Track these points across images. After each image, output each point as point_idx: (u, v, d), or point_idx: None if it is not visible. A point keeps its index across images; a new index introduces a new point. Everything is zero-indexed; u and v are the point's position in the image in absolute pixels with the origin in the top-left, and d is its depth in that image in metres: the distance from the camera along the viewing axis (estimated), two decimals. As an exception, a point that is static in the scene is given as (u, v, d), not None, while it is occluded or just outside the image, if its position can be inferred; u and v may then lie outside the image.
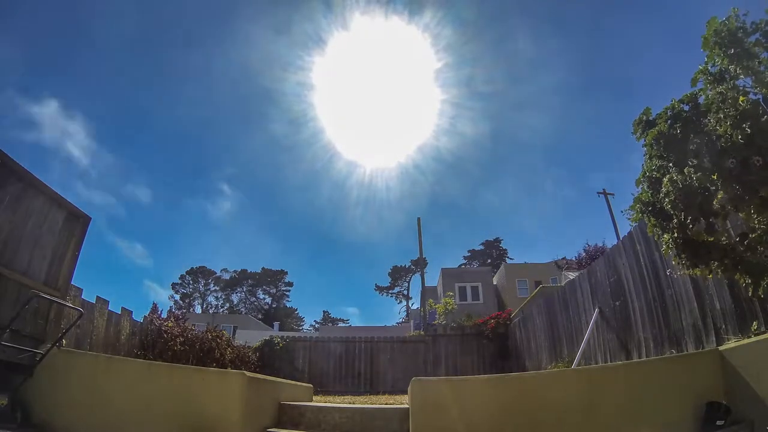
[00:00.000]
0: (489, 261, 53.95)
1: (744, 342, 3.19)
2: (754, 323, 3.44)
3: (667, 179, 2.92)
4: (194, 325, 8.98)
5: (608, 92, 55.02)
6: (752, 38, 2.59)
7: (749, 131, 2.38)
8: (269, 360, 13.18)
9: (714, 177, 2.61)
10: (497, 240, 58.37)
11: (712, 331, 4.11)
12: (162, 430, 3.55)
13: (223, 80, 53.07)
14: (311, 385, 6.78)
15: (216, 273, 63.00)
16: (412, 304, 51.12)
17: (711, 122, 2.63)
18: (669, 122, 2.93)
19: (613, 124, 50.46)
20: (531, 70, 48.64)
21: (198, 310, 55.66)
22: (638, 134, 3.28)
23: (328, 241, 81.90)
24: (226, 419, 3.52)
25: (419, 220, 19.65)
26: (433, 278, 34.39)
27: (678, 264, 3.30)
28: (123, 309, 6.85)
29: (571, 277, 11.68)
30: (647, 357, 5.35)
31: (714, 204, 2.79)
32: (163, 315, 8.39)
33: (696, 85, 2.90)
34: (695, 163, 2.71)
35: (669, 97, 3.00)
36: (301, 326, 61.25)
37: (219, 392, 3.68)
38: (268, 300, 64.58)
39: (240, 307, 62.66)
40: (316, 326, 58.21)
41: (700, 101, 2.87)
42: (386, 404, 5.11)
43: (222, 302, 63.15)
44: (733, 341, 3.51)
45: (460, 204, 75.60)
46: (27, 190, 4.00)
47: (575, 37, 49.28)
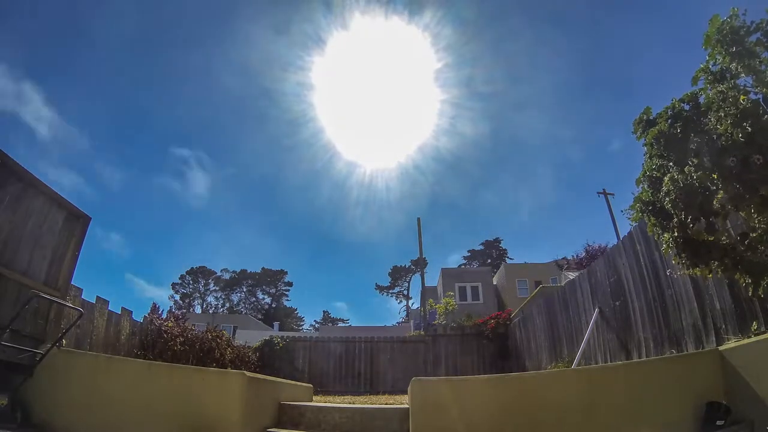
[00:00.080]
0: (489, 261, 53.97)
1: (744, 342, 3.19)
2: (754, 323, 3.44)
3: (668, 178, 2.92)
4: (194, 325, 8.98)
5: (608, 92, 55.12)
6: (753, 38, 2.59)
7: (750, 130, 2.38)
8: (269, 360, 13.18)
9: (714, 176, 2.61)
10: (497, 240, 58.44)
11: (712, 331, 4.11)
12: (162, 430, 3.54)
13: (223, 80, 53.12)
14: (311, 385, 6.78)
15: (216, 273, 63.11)
16: (412, 304, 51.18)
17: (711, 121, 2.63)
18: (669, 121, 2.93)
19: (613, 124, 50.49)
20: (531, 70, 48.70)
21: (198, 310, 55.71)
22: (638, 134, 3.28)
23: (328, 241, 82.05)
24: (226, 419, 3.52)
25: (419, 221, 19.67)
26: (433, 278, 34.44)
27: (678, 263, 3.30)
28: (123, 309, 6.85)
29: (571, 277, 11.68)
30: (647, 357, 5.35)
31: (714, 203, 2.79)
32: (163, 315, 8.40)
33: (697, 84, 2.90)
34: (696, 162, 2.71)
35: (669, 97, 3.01)
36: (301, 326, 61.33)
37: (219, 392, 3.68)
38: (268, 300, 64.64)
39: (240, 307, 62.73)
40: (316, 326, 58.27)
41: (701, 100, 2.87)
42: (386, 404, 5.11)
43: (222, 302, 63.27)
44: (733, 341, 3.51)
45: (460, 204, 75.70)
46: (27, 190, 4.00)
47: (575, 37, 49.31)
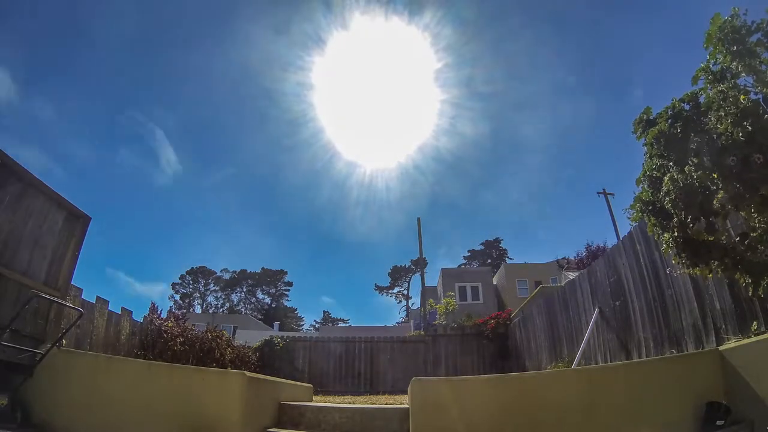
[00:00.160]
0: (489, 261, 53.95)
1: (744, 342, 3.19)
2: (754, 323, 3.44)
3: (668, 178, 2.92)
4: (194, 325, 8.98)
5: (608, 92, 55.09)
6: (754, 38, 2.59)
7: (750, 129, 2.38)
8: (269, 360, 13.18)
9: (714, 176, 2.61)
10: (497, 240, 58.42)
11: (712, 331, 4.11)
12: (162, 430, 3.54)
13: (223, 80, 53.12)
14: (311, 385, 6.78)
15: (216, 273, 63.07)
16: (412, 304, 51.17)
17: (712, 120, 2.63)
18: (669, 121, 2.93)
19: (613, 124, 50.49)
20: (531, 70, 48.71)
21: (198, 310, 55.67)
22: (638, 133, 3.28)
23: (328, 241, 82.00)
24: (226, 419, 3.52)
25: (419, 221, 19.67)
26: (433, 278, 34.45)
27: (678, 263, 3.30)
28: (123, 309, 6.85)
29: (571, 277, 11.68)
30: (647, 357, 5.35)
31: (714, 203, 2.79)
32: (163, 315, 8.40)
33: (697, 83, 2.90)
34: (696, 162, 2.71)
35: (669, 97, 3.01)
36: (301, 326, 61.31)
37: (219, 392, 3.68)
38: (268, 300, 64.62)
39: (240, 307, 62.71)
40: (316, 326, 58.26)
41: (701, 100, 2.86)
42: (386, 404, 5.11)
43: (222, 302, 63.24)
44: (733, 341, 3.51)
45: (460, 204, 75.69)
46: (27, 190, 4.00)
47: (575, 37, 49.33)
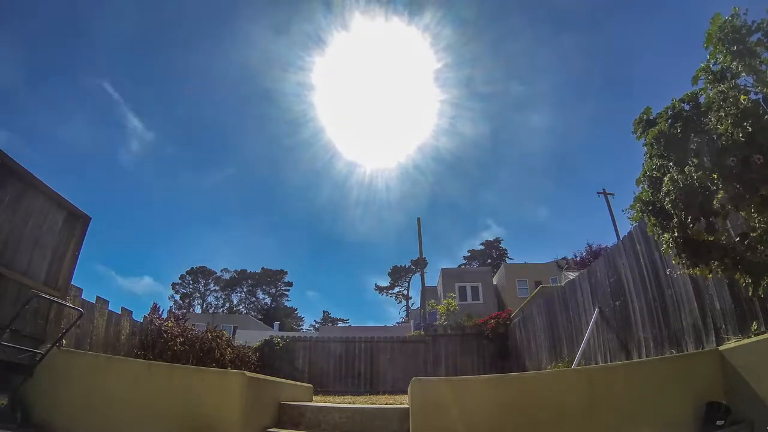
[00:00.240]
0: (489, 261, 53.93)
1: (744, 342, 3.19)
2: (754, 323, 3.44)
3: (668, 178, 2.92)
4: (194, 325, 8.97)
5: (608, 92, 55.08)
6: (754, 37, 2.59)
7: (750, 129, 2.38)
8: (269, 360, 13.18)
9: (715, 176, 2.60)
10: (497, 240, 58.51)
11: (712, 331, 4.11)
12: (162, 430, 3.54)
13: (223, 80, 53.13)
14: (311, 385, 6.78)
15: (216, 273, 63.07)
16: (412, 304, 51.17)
17: (712, 120, 2.63)
18: (669, 121, 2.93)
19: (613, 124, 50.48)
20: (531, 70, 48.74)
21: (198, 310, 55.66)
22: (638, 134, 3.28)
23: (328, 241, 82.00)
24: (226, 419, 3.52)
25: (419, 220, 19.69)
26: (433, 278, 34.45)
27: (678, 263, 3.30)
28: (123, 309, 6.85)
29: (571, 277, 11.68)
30: (647, 357, 5.35)
31: (714, 203, 2.78)
32: (163, 315, 8.40)
33: (697, 83, 2.90)
34: (696, 162, 2.71)
35: (669, 97, 3.01)
36: (301, 326, 61.30)
37: (219, 392, 3.68)
38: (268, 300, 64.63)
39: (240, 307, 62.73)
40: (316, 326, 58.23)
41: (701, 100, 2.86)
42: (386, 404, 5.11)
43: (222, 302, 63.23)
44: (733, 341, 3.51)
45: (460, 204, 75.69)
46: (27, 190, 4.00)
47: (575, 37, 49.29)
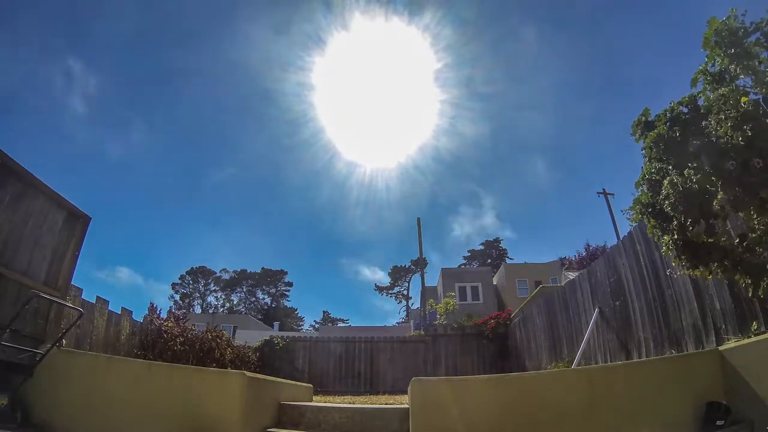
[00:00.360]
0: (489, 261, 53.93)
1: (744, 342, 3.19)
2: (754, 323, 3.44)
3: (667, 182, 2.92)
4: (194, 325, 8.98)
5: (608, 92, 55.10)
6: (752, 38, 2.59)
7: (750, 133, 2.39)
8: (269, 360, 13.18)
9: (714, 179, 2.61)
10: (497, 240, 58.50)
11: (712, 331, 4.11)
12: (162, 430, 3.55)
13: (223, 80, 53.15)
14: (311, 385, 6.78)
15: (216, 273, 63.02)
16: (412, 304, 51.15)
17: (711, 124, 2.63)
18: (668, 125, 2.93)
19: (613, 124, 50.51)
20: (531, 70, 48.75)
21: (198, 310, 55.63)
22: (637, 135, 3.28)
23: (328, 241, 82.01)
24: (226, 419, 3.52)
25: (419, 220, 19.71)
26: (433, 278, 34.45)
27: (678, 265, 3.30)
28: (123, 309, 6.86)
29: (571, 277, 11.69)
30: (647, 357, 5.35)
31: (714, 205, 2.79)
32: (162, 315, 8.40)
33: (696, 86, 2.90)
34: (695, 165, 2.71)
35: (669, 97, 3.02)
36: (301, 326, 61.27)
37: (219, 392, 3.68)
38: (268, 300, 64.60)
39: (240, 307, 62.68)
40: (316, 326, 58.21)
41: (700, 103, 2.87)
42: (386, 404, 5.11)
43: (222, 302, 63.20)
44: (733, 341, 3.51)
45: (460, 204, 75.69)
46: (27, 190, 4.00)
47: (575, 37, 49.31)
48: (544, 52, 47.26)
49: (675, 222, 3.00)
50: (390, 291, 60.72)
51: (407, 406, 3.77)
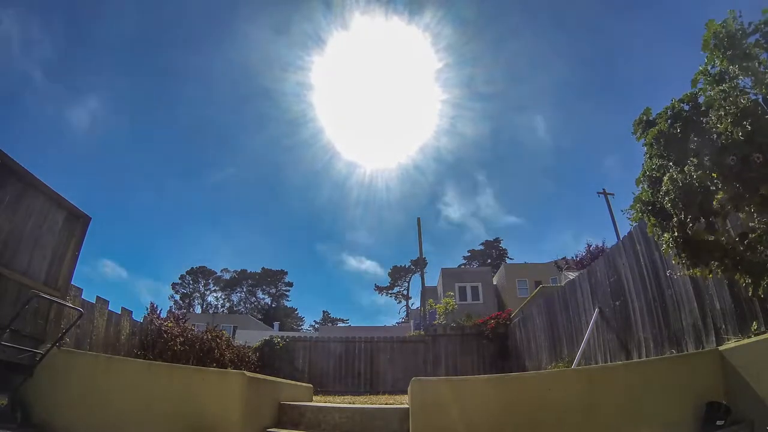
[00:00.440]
0: (489, 261, 53.93)
1: (744, 342, 3.19)
2: (754, 323, 3.44)
3: (667, 178, 2.92)
4: (194, 325, 8.97)
5: (608, 92, 55.14)
6: (751, 39, 2.59)
7: (750, 128, 2.39)
8: (269, 360, 13.18)
9: (714, 175, 2.61)
10: (497, 240, 58.49)
11: (712, 331, 4.11)
12: (162, 430, 3.54)
13: (223, 80, 53.16)
14: (311, 385, 6.78)
15: (216, 273, 63.03)
16: (412, 304, 51.15)
17: (712, 120, 2.63)
18: (669, 122, 2.93)
19: (613, 124, 50.53)
20: (531, 70, 48.80)
21: (198, 310, 55.64)
22: (638, 134, 3.28)
23: (328, 241, 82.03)
24: (226, 419, 3.52)
25: (419, 220, 19.71)
26: (433, 278, 34.44)
27: (678, 264, 3.30)
28: (123, 309, 6.85)
29: (571, 277, 11.68)
30: (647, 357, 5.35)
31: (714, 203, 2.79)
32: (163, 315, 8.39)
33: (696, 86, 2.91)
34: (695, 162, 2.71)
35: (669, 97, 3.02)
36: (301, 326, 61.27)
37: (219, 392, 3.68)
38: (268, 300, 64.60)
39: (240, 307, 62.67)
40: (316, 326, 58.21)
41: (700, 100, 2.87)
42: (386, 404, 5.11)
43: (222, 302, 63.21)
44: (733, 341, 3.51)
45: (461, 204, 75.70)
46: (27, 190, 4.01)
47: (575, 37, 49.33)
48: (544, 52, 47.36)
49: (675, 219, 3.01)
50: (390, 291, 60.76)
51: (407, 406, 3.77)
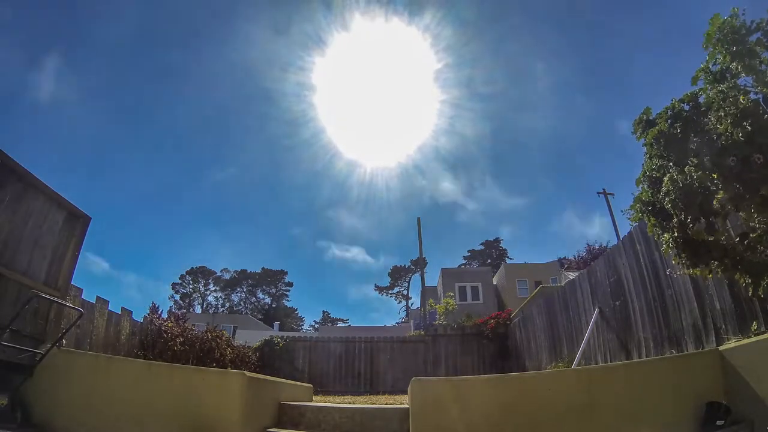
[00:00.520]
0: (489, 261, 53.92)
1: (744, 342, 3.19)
2: (754, 323, 3.44)
3: (668, 178, 2.92)
4: (194, 325, 8.98)
5: (608, 92, 55.14)
6: (753, 37, 2.59)
7: (750, 129, 2.39)
8: (269, 360, 13.18)
9: (714, 176, 2.61)
10: (497, 240, 58.47)
11: (712, 331, 4.11)
12: (162, 430, 3.54)
13: (224, 80, 53.16)
14: (311, 385, 6.78)
15: (216, 273, 63.01)
16: (412, 304, 51.15)
17: (712, 120, 2.63)
18: (669, 122, 2.93)
19: (613, 124, 50.54)
20: (531, 70, 48.75)
21: (198, 310, 55.63)
22: (638, 134, 3.28)
23: (329, 241, 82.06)
24: (226, 419, 3.52)
25: (419, 220, 19.72)
26: (433, 278, 34.43)
27: (678, 264, 3.30)
28: (123, 309, 6.86)
29: (571, 277, 11.68)
30: (647, 357, 5.35)
31: (714, 203, 2.79)
32: (163, 315, 8.40)
33: (697, 84, 2.90)
34: (696, 162, 2.71)
35: (669, 97, 3.01)
36: (301, 326, 61.25)
37: (219, 392, 3.68)
38: (268, 300, 64.59)
39: (240, 307, 62.67)
40: (316, 326, 58.21)
41: (701, 100, 2.87)
42: (386, 404, 5.11)
43: (222, 302, 63.19)
44: (733, 341, 3.51)
45: (460, 204, 75.67)
46: (27, 190, 4.01)
47: (575, 37, 49.33)
48: (545, 52, 47.36)
49: (675, 220, 3.01)
50: (390, 291, 60.77)
51: (407, 406, 3.77)
